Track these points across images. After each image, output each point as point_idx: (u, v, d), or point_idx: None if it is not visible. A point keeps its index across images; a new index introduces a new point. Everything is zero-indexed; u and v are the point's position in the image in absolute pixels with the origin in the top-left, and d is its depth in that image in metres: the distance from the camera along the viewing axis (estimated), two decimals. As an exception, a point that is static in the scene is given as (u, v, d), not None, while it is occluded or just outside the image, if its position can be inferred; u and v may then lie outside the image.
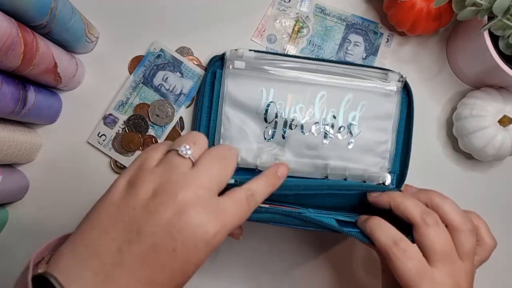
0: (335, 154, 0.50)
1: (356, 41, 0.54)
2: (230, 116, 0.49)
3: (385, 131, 0.51)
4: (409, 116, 0.52)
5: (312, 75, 0.50)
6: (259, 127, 0.50)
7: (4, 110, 0.41)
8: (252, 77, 0.49)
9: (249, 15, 0.54)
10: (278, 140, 0.50)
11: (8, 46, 0.37)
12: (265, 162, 0.49)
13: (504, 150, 0.49)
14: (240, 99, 0.49)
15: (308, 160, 0.50)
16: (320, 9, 0.55)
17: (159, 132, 0.52)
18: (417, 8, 0.48)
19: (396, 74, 0.50)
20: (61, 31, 0.45)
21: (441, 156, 0.55)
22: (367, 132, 0.50)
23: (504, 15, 0.43)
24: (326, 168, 0.50)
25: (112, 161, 0.52)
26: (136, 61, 0.53)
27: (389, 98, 0.50)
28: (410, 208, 0.37)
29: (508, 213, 0.55)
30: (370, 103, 0.50)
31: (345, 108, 0.50)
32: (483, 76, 0.51)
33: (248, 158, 0.49)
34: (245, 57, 0.49)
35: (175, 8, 0.54)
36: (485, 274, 0.54)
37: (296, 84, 0.50)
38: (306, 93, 0.50)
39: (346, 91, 0.50)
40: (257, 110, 0.49)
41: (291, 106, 0.49)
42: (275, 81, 0.49)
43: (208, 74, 0.50)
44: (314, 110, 0.50)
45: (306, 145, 0.50)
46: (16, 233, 0.50)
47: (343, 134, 0.50)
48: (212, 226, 0.29)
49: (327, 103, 0.50)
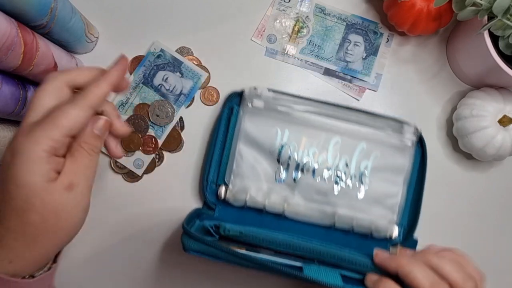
0: (344, 203, 0.50)
1: (356, 41, 0.54)
2: (243, 153, 0.49)
3: (396, 184, 0.50)
4: (422, 169, 0.51)
5: (328, 120, 0.50)
6: (271, 167, 0.50)
7: (4, 110, 0.41)
8: (268, 116, 0.49)
9: (249, 15, 0.54)
10: (289, 183, 0.50)
11: (8, 46, 0.37)
12: (273, 203, 0.49)
13: (504, 150, 0.49)
14: (255, 137, 0.49)
15: (316, 206, 0.50)
16: (320, 9, 0.55)
17: (159, 132, 0.52)
18: (417, 8, 0.48)
19: (411, 127, 0.50)
20: (61, 31, 0.45)
21: (441, 156, 0.55)
22: (378, 184, 0.50)
23: (504, 15, 0.43)
24: (334, 215, 0.49)
25: (112, 161, 0.52)
26: (136, 61, 0.53)
27: (402, 152, 0.50)
28: (419, 279, 0.37)
29: (508, 213, 0.55)
30: (383, 154, 0.50)
31: (358, 156, 0.50)
32: (483, 76, 0.51)
33: (257, 197, 0.49)
34: (264, 96, 0.49)
35: (175, 8, 0.54)
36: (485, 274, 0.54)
37: (311, 128, 0.50)
38: (320, 137, 0.50)
39: (361, 139, 0.50)
40: (270, 149, 0.50)
41: (304, 149, 0.50)
42: (291, 123, 0.50)
43: (226, 109, 0.50)
44: (327, 155, 0.50)
45: (316, 191, 0.50)
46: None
47: (354, 183, 0.50)
48: None
49: (341, 150, 0.50)
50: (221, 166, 0.50)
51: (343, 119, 0.50)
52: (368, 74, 0.54)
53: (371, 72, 0.54)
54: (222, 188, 0.49)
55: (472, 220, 0.54)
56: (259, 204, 0.49)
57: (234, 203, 0.49)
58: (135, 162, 0.52)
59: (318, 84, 0.54)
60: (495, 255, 0.55)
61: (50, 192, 0.31)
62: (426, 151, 0.51)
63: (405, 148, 0.50)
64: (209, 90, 0.53)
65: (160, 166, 0.52)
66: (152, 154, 0.52)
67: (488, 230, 0.55)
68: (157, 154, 0.52)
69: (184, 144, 0.53)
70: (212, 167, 0.50)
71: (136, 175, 0.52)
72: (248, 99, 0.49)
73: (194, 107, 0.53)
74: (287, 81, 0.54)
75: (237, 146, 0.49)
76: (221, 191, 0.49)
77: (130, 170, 0.52)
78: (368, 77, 0.54)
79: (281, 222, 0.50)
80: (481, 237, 0.54)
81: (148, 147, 0.52)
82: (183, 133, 0.53)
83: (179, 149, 0.53)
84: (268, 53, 0.54)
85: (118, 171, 0.52)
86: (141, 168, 0.52)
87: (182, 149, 0.53)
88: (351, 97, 0.54)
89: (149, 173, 0.52)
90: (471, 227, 0.54)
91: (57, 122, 0.31)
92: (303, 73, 0.54)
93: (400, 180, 0.50)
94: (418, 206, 0.50)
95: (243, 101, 0.50)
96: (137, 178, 0.52)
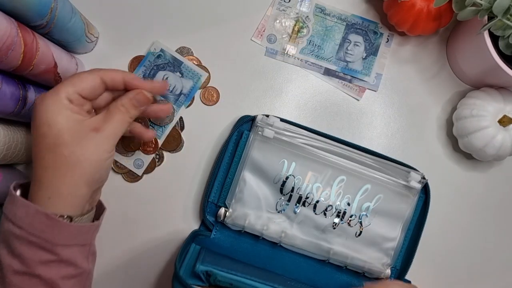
0: (341, 240, 0.50)
1: (356, 41, 0.54)
2: (248, 179, 0.50)
3: (395, 229, 0.50)
4: (423, 216, 0.51)
5: (336, 158, 0.50)
6: (273, 196, 0.50)
7: (4, 110, 0.41)
8: (277, 147, 0.49)
9: (249, 15, 0.54)
10: (289, 214, 0.50)
11: (8, 46, 0.37)
12: (271, 232, 0.49)
13: (504, 150, 0.49)
14: (261, 166, 0.49)
15: (313, 240, 0.50)
16: (320, 9, 0.55)
17: (159, 132, 0.52)
18: (417, 8, 0.48)
19: (418, 175, 0.50)
20: (61, 31, 0.45)
21: (441, 156, 0.55)
22: (377, 226, 0.50)
23: (504, 15, 0.43)
24: (329, 252, 0.50)
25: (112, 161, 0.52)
26: (136, 61, 0.53)
27: (406, 199, 0.50)
28: None
29: (508, 213, 0.55)
30: (386, 198, 0.50)
31: (361, 197, 0.50)
32: (483, 76, 0.51)
33: (256, 225, 0.49)
34: (275, 126, 0.49)
35: (175, 8, 0.54)
36: (485, 274, 0.54)
37: (318, 163, 0.50)
38: (326, 174, 0.50)
39: (366, 180, 0.50)
40: (275, 179, 0.50)
41: (308, 183, 0.50)
42: (299, 156, 0.50)
43: (235, 133, 0.50)
44: (331, 192, 0.50)
45: (315, 225, 0.50)
46: (16, 233, 0.50)
47: (353, 222, 0.50)
48: None
49: (345, 188, 0.50)
50: (223, 188, 0.50)
51: (351, 159, 0.50)
52: (368, 74, 0.54)
53: (371, 72, 0.54)
54: (222, 210, 0.50)
55: (472, 220, 0.55)
56: (257, 231, 0.49)
57: (232, 227, 0.50)
58: (135, 162, 0.52)
59: (318, 84, 0.54)
60: (495, 255, 0.55)
61: (78, 130, 0.38)
62: (429, 198, 0.51)
63: (409, 196, 0.50)
64: (209, 90, 0.53)
65: (160, 166, 0.52)
66: (152, 154, 0.52)
67: (488, 230, 0.55)
68: (157, 154, 0.52)
69: (184, 144, 0.53)
70: (214, 188, 0.50)
71: (136, 175, 0.52)
72: (259, 127, 0.49)
73: (194, 107, 0.53)
74: (287, 81, 0.54)
75: (242, 172, 0.49)
76: (220, 213, 0.49)
77: (130, 170, 0.52)
78: (368, 77, 0.54)
79: (276, 251, 0.50)
80: (481, 237, 0.54)
81: (148, 147, 0.52)
82: (183, 133, 0.53)
83: (179, 149, 0.53)
84: (268, 53, 0.54)
85: (118, 171, 0.52)
86: (141, 168, 0.52)
87: (182, 149, 0.53)
88: (351, 97, 0.54)
89: (149, 173, 0.52)
90: (471, 227, 0.54)
91: (73, 80, 0.40)
92: (303, 73, 0.54)
93: (400, 226, 0.50)
94: (413, 251, 0.51)
95: (254, 128, 0.50)
96: (137, 178, 0.52)
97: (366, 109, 0.54)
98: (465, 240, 0.54)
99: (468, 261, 0.54)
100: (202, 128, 0.53)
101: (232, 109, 0.53)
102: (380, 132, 0.54)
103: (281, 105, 0.54)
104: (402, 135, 0.55)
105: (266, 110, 0.54)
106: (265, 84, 0.54)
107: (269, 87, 0.54)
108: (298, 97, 0.54)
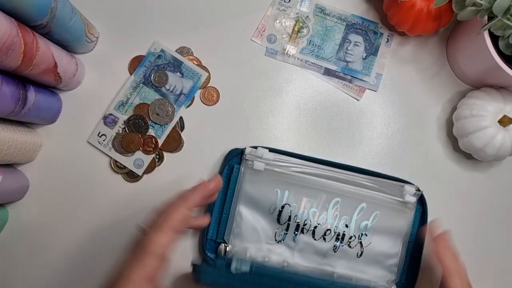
0: (343, 263, 0.50)
1: (356, 41, 0.54)
2: (243, 214, 0.49)
3: (395, 245, 0.50)
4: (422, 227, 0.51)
5: (328, 182, 0.50)
6: (271, 227, 0.50)
7: (4, 110, 0.41)
8: (269, 178, 0.50)
9: (249, 15, 0.54)
10: (289, 243, 0.50)
11: (8, 46, 0.37)
12: (273, 264, 0.49)
13: (504, 150, 0.49)
14: (255, 198, 0.49)
15: (316, 266, 0.50)
16: (320, 9, 0.55)
17: (159, 132, 0.52)
18: (417, 8, 0.48)
19: (412, 188, 0.50)
20: (61, 31, 0.45)
21: (441, 156, 0.55)
22: (377, 244, 0.50)
23: (504, 15, 0.43)
24: (333, 275, 0.50)
25: (112, 161, 0.52)
26: (136, 61, 0.53)
27: (402, 214, 0.50)
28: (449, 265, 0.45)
29: (508, 213, 0.55)
30: (382, 215, 0.50)
31: (358, 216, 0.50)
32: (483, 76, 0.51)
33: (257, 258, 0.49)
34: (264, 158, 0.49)
35: (175, 8, 0.54)
36: (486, 274, 0.54)
37: (311, 189, 0.50)
38: (320, 198, 0.50)
39: (360, 200, 0.50)
40: (270, 210, 0.50)
41: (304, 210, 0.50)
42: (291, 184, 0.50)
43: (225, 168, 0.50)
44: (327, 216, 0.50)
45: (316, 251, 0.50)
46: (16, 233, 0.50)
47: (353, 244, 0.50)
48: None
49: (340, 210, 0.50)
50: (220, 223, 0.50)
51: (344, 181, 0.50)
52: (368, 74, 0.54)
53: (371, 72, 0.54)
54: (222, 246, 0.49)
55: (472, 219, 0.55)
56: (259, 263, 0.49)
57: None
58: (135, 162, 0.52)
59: (318, 84, 0.54)
60: (495, 255, 0.55)
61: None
62: (427, 209, 0.51)
63: (405, 210, 0.50)
64: (209, 90, 0.53)
65: (160, 166, 0.52)
66: (152, 154, 0.52)
67: (488, 229, 0.55)
68: (157, 154, 0.52)
69: (184, 144, 0.53)
70: (211, 225, 0.50)
71: (136, 175, 0.52)
72: (249, 161, 0.49)
73: (194, 107, 0.53)
74: (287, 81, 0.54)
75: (237, 207, 0.49)
76: (221, 249, 0.49)
77: (130, 170, 0.52)
78: (368, 77, 0.54)
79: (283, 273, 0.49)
80: (481, 236, 0.54)
81: (148, 147, 0.52)
82: (183, 133, 0.53)
83: (179, 149, 0.53)
84: (268, 53, 0.54)
85: (118, 171, 0.52)
86: (141, 168, 0.52)
87: (182, 149, 0.53)
88: (351, 97, 0.54)
89: (149, 173, 0.52)
90: (471, 226, 0.54)
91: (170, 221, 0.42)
92: (303, 73, 0.54)
93: (400, 241, 0.50)
94: (418, 264, 0.51)
95: (244, 161, 0.50)
96: (137, 178, 0.52)
97: (366, 109, 0.54)
98: (465, 239, 0.54)
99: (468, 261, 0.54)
100: (202, 128, 0.53)
101: (232, 109, 0.53)
102: (380, 132, 0.55)
103: (281, 105, 0.54)
104: (402, 135, 0.55)
105: (266, 110, 0.54)
106: (265, 84, 0.54)
107: (269, 87, 0.54)
108: (298, 97, 0.54)
